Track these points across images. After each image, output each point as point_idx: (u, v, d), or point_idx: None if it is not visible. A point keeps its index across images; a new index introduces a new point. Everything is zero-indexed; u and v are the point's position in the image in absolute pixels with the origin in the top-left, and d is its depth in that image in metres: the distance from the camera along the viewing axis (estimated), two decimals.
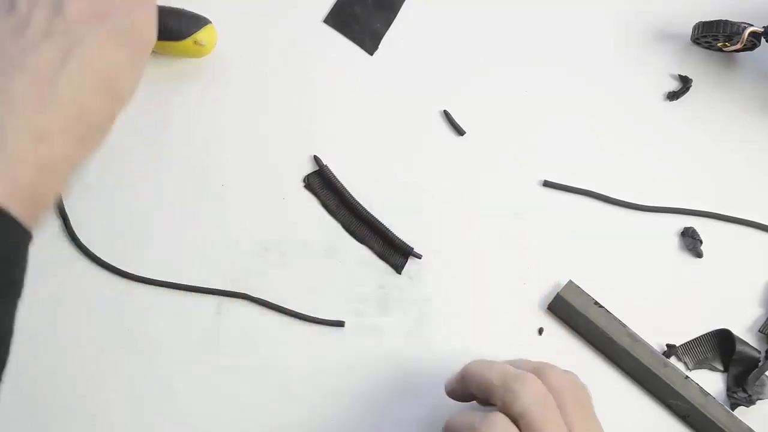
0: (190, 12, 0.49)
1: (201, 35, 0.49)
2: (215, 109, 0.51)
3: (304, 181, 0.51)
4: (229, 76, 0.52)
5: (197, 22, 0.49)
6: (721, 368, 0.49)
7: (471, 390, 0.41)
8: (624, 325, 0.49)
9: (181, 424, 0.47)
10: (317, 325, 0.49)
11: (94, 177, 0.50)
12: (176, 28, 0.48)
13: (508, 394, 0.38)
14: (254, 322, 0.48)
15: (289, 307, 0.49)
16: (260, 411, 0.47)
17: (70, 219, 0.49)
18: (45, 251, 0.49)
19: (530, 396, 0.38)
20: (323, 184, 0.51)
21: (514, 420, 0.38)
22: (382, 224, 0.50)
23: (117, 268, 0.48)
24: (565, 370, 0.41)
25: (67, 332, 0.48)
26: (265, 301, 0.49)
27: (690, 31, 0.53)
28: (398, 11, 0.53)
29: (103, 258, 0.49)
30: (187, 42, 0.49)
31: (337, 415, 0.48)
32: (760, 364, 0.49)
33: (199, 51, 0.50)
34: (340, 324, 0.49)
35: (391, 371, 0.48)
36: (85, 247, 0.49)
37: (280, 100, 0.52)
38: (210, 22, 0.50)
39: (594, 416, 0.41)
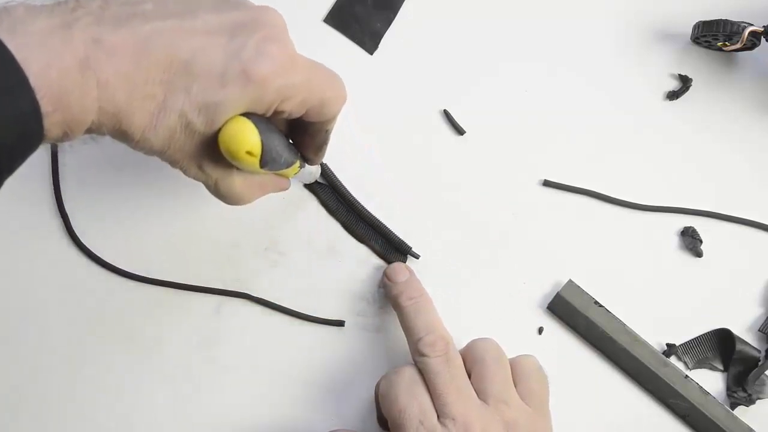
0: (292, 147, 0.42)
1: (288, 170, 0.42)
2: None
3: None
4: None
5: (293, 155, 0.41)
6: (721, 368, 0.49)
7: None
8: (624, 325, 0.49)
9: (182, 423, 0.47)
10: (317, 324, 0.49)
11: (94, 177, 0.50)
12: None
13: (422, 345, 0.43)
14: (254, 322, 0.49)
15: (289, 307, 0.49)
16: (260, 410, 0.47)
17: (70, 219, 0.49)
18: (45, 251, 0.49)
19: (437, 351, 0.42)
20: (323, 184, 0.51)
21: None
22: (382, 223, 0.50)
23: (117, 268, 0.49)
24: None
25: (66, 331, 0.48)
26: (266, 300, 0.49)
27: (690, 30, 0.53)
28: (398, 11, 0.53)
29: (103, 258, 0.49)
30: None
31: (337, 415, 0.48)
32: (760, 363, 0.49)
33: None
34: (340, 323, 0.49)
35: None
36: (86, 246, 0.49)
37: None
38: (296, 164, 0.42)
39: (511, 387, 0.43)
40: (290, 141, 0.42)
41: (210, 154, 0.37)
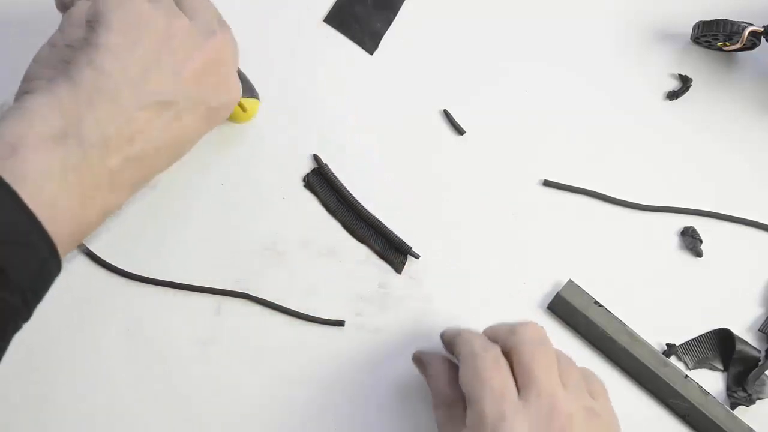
0: (249, 81, 0.50)
1: (248, 103, 0.49)
2: None
3: (303, 180, 0.51)
4: None
5: (251, 92, 0.49)
6: (721, 367, 0.49)
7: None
8: (624, 325, 0.49)
9: (182, 423, 0.47)
10: (317, 324, 0.49)
11: None
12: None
13: (511, 334, 0.41)
14: (254, 322, 0.49)
15: (289, 307, 0.49)
16: (261, 411, 0.47)
17: None
18: None
19: (528, 334, 0.41)
20: (323, 183, 0.51)
21: (508, 355, 0.41)
22: (382, 223, 0.50)
23: (117, 268, 0.49)
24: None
25: (66, 331, 0.48)
26: (266, 300, 0.49)
27: (690, 30, 0.53)
28: (398, 11, 0.53)
29: (103, 258, 0.49)
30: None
31: (337, 414, 0.48)
32: (760, 363, 0.49)
33: (237, 115, 0.49)
34: (340, 324, 0.49)
35: (390, 370, 0.48)
36: (86, 246, 0.49)
37: (280, 98, 0.52)
38: (258, 99, 0.50)
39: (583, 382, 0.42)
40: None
41: None
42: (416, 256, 0.50)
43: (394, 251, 0.50)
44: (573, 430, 0.38)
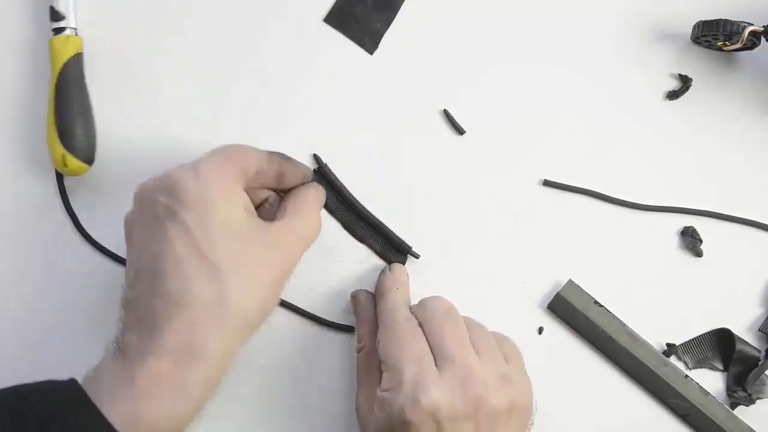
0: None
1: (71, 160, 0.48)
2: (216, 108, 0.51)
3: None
4: (228, 75, 0.52)
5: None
6: (721, 367, 0.49)
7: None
8: (624, 325, 0.49)
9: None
10: (319, 326, 0.49)
11: (97, 179, 0.50)
12: None
13: (420, 308, 0.44)
14: None
15: (295, 304, 0.49)
16: (261, 410, 0.47)
17: (78, 217, 0.49)
18: (56, 249, 0.49)
19: (436, 306, 0.44)
20: (323, 183, 0.51)
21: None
22: (382, 223, 0.50)
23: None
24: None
25: (73, 321, 0.48)
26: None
27: (690, 30, 0.52)
28: (398, 11, 0.53)
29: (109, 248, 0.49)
30: None
31: (336, 414, 0.48)
32: (760, 363, 0.49)
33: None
34: (349, 329, 0.49)
35: None
36: (91, 237, 0.49)
37: (280, 98, 0.52)
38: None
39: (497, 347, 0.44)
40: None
41: None
42: (416, 256, 0.50)
43: (394, 251, 0.50)
44: (489, 396, 0.40)
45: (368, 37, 0.53)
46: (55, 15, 0.49)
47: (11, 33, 0.51)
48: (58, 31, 0.49)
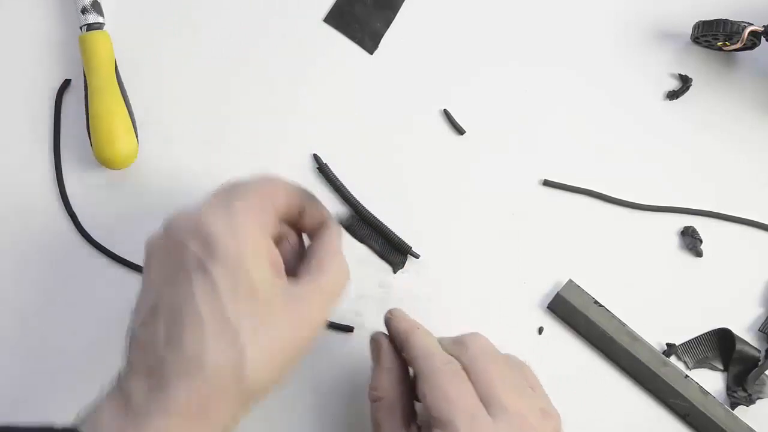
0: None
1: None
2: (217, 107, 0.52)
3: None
4: (228, 75, 0.52)
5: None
6: (721, 367, 0.49)
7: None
8: (624, 324, 0.49)
9: None
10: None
11: (97, 179, 0.50)
12: None
13: (462, 348, 0.41)
14: None
15: None
16: (261, 410, 0.47)
17: (78, 217, 0.49)
18: (56, 249, 0.49)
19: (480, 348, 0.41)
20: (323, 183, 0.51)
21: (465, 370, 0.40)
22: (382, 223, 0.50)
23: (129, 261, 0.49)
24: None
25: (76, 322, 0.48)
26: None
27: (690, 30, 0.53)
28: (398, 11, 0.53)
29: (116, 253, 0.49)
30: None
31: (337, 414, 0.48)
32: (760, 363, 0.49)
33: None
34: (349, 329, 0.49)
35: None
36: (96, 241, 0.49)
37: (280, 98, 0.52)
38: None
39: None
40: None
41: None
42: (416, 256, 0.50)
43: (394, 251, 0.50)
44: None
45: (368, 37, 0.53)
46: (98, 8, 0.51)
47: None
48: (92, 27, 0.50)
